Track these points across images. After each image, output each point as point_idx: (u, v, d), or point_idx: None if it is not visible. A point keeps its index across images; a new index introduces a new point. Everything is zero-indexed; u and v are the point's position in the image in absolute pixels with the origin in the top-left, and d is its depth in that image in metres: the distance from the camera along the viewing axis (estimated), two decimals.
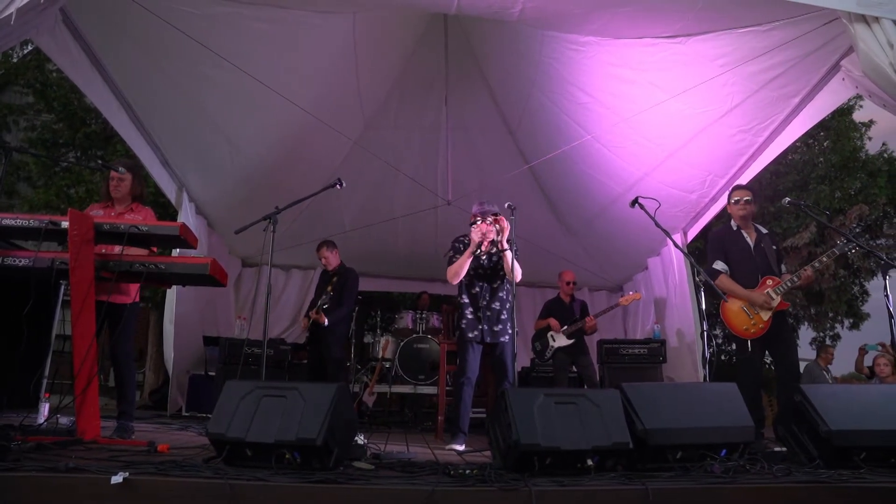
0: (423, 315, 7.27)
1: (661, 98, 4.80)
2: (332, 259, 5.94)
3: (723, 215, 5.44)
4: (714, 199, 5.96)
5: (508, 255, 4.18)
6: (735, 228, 4.54)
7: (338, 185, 4.32)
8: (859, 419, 2.84)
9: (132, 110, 4.99)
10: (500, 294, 4.43)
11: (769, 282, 4.29)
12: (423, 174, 6.89)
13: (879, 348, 6.76)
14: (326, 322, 5.54)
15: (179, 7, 4.08)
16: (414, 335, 6.88)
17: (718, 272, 4.43)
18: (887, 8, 3.23)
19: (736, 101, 4.65)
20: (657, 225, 4.00)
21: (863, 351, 7.48)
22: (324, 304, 5.63)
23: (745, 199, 4.50)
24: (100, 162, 8.25)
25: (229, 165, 5.98)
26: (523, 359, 7.28)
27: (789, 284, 4.25)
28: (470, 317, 4.39)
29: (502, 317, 4.38)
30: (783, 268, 4.44)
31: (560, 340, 6.17)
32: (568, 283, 6.45)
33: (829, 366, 8.15)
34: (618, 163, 5.95)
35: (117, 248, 3.38)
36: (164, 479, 2.16)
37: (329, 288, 5.73)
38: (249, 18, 4.33)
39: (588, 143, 5.74)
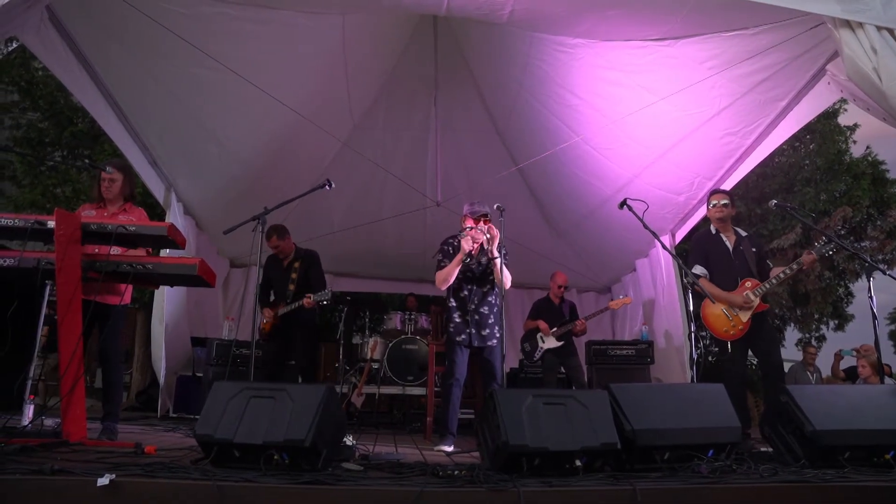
0: (412, 316, 7.25)
1: (649, 100, 4.83)
2: (287, 245, 5.38)
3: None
4: (702, 202, 5.99)
5: (499, 262, 4.19)
6: (714, 232, 4.60)
7: (327, 186, 4.31)
8: (843, 419, 2.89)
9: (120, 110, 4.96)
10: (489, 298, 4.42)
11: (748, 284, 4.34)
12: (411, 175, 6.89)
13: (854, 353, 6.84)
14: (318, 301, 5.08)
15: (169, 7, 4.06)
16: (402, 336, 6.87)
17: (698, 276, 4.47)
18: (870, 14, 3.27)
19: (724, 103, 4.69)
20: (645, 226, 4.02)
21: (839, 356, 7.56)
22: (323, 299, 5.09)
23: (722, 202, 4.56)
24: (87, 161, 8.16)
25: (218, 165, 5.95)
26: (512, 360, 7.28)
27: (767, 287, 4.30)
28: (458, 320, 4.38)
29: (490, 321, 4.37)
30: (769, 265, 4.48)
31: (549, 342, 6.18)
32: (560, 287, 6.47)
33: (814, 365, 8.22)
34: (606, 164, 5.97)
35: (108, 249, 3.36)
36: (151, 480, 2.15)
37: (294, 276, 5.28)
38: (239, 19, 4.32)
39: (577, 144, 5.76)
